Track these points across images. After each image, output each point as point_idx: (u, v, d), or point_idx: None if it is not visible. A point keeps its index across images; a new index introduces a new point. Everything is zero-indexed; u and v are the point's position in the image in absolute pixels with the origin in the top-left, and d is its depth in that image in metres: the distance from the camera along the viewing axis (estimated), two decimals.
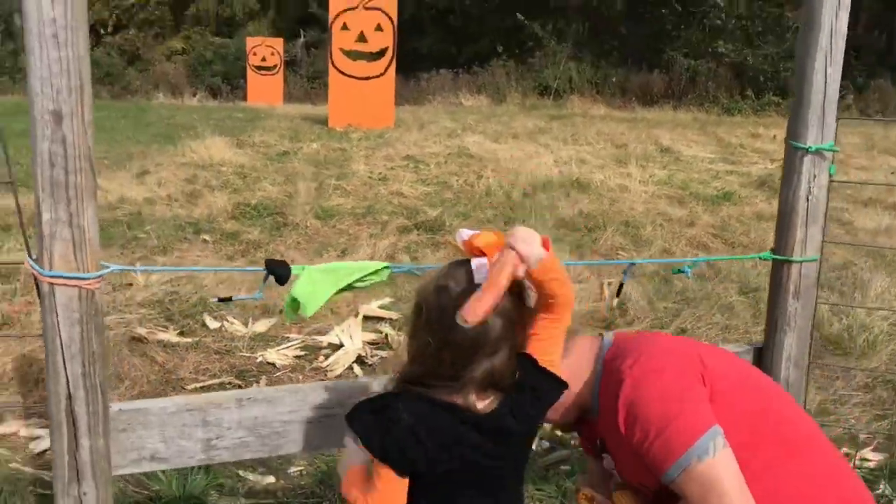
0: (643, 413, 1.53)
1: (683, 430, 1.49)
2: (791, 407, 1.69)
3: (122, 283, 4.60)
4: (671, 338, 1.75)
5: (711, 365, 1.60)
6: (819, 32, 1.94)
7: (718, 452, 1.46)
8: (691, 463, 1.46)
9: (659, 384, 1.55)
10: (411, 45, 29.96)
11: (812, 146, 1.97)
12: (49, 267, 1.52)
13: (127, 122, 14.50)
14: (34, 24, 1.43)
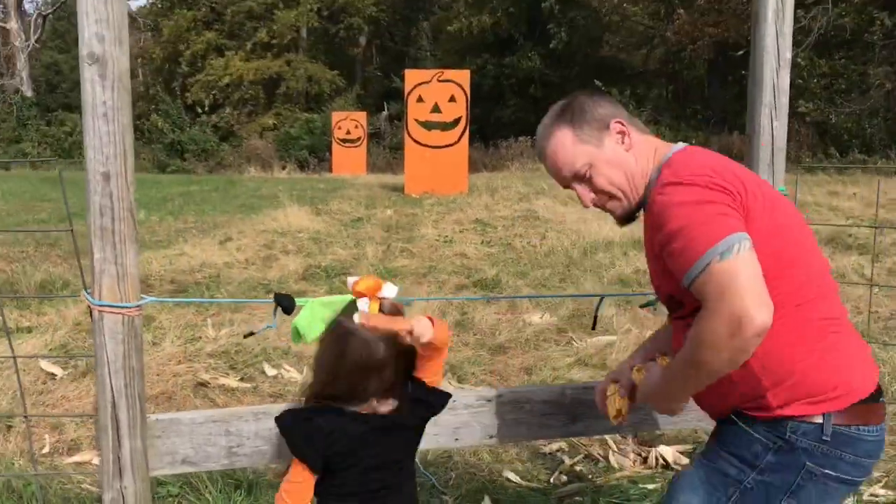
0: (671, 213, 1.58)
1: (709, 230, 1.51)
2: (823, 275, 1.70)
3: (194, 336, 5.05)
4: (723, 160, 1.72)
5: (753, 191, 1.63)
6: (764, 90, 2.19)
7: (743, 253, 1.48)
8: (712, 261, 1.48)
9: (690, 190, 1.58)
10: (494, 114, 30.81)
11: None
12: (99, 297, 1.89)
13: (217, 194, 15.41)
14: (89, 105, 1.83)
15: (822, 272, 1.68)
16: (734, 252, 1.47)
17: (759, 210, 1.60)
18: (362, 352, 1.71)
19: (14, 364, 2.62)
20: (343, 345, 1.74)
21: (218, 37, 32.84)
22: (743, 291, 1.44)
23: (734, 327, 1.44)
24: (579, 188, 1.81)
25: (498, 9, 29.77)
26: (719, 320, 1.45)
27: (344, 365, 1.73)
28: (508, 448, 3.49)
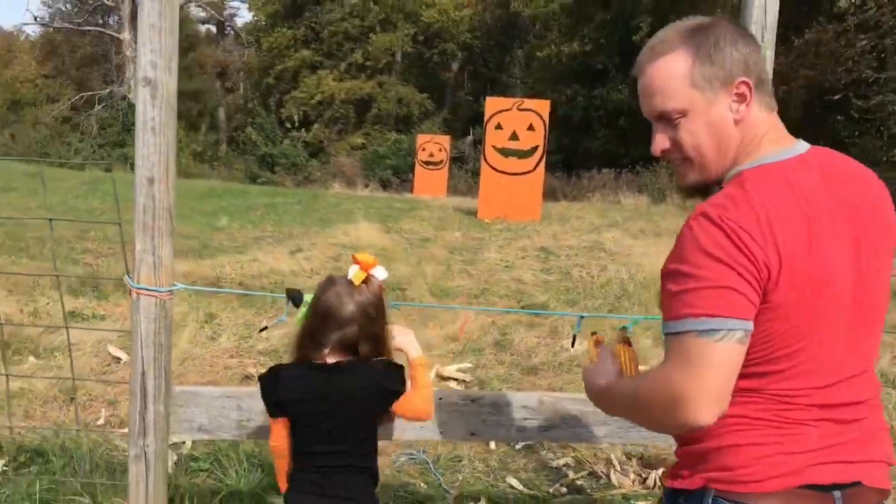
0: (688, 251, 1.35)
1: (706, 298, 1.32)
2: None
3: (249, 335, 5.44)
4: (786, 201, 1.39)
5: (791, 263, 1.35)
6: None
7: (726, 343, 1.31)
8: (690, 332, 1.32)
9: (718, 240, 1.33)
10: (582, 144, 30.94)
11: None
12: (137, 282, 2.24)
13: (299, 207, 16.04)
14: (140, 120, 2.19)
15: (841, 361, 1.43)
16: (716, 337, 1.30)
17: (787, 285, 1.35)
18: (333, 300, 2.02)
19: (66, 334, 3.01)
20: (322, 290, 2.06)
21: (314, 55, 34.04)
22: (703, 381, 1.31)
23: (673, 404, 1.33)
24: (658, 129, 1.52)
25: (589, 38, 29.94)
26: (663, 390, 1.35)
27: (317, 307, 2.05)
28: (517, 458, 3.72)
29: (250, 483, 3.18)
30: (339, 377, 2.03)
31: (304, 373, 2.06)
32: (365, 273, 2.06)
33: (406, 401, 2.08)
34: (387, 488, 3.34)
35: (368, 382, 2.04)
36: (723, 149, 1.48)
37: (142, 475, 2.31)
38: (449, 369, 4.87)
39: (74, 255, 8.47)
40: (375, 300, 2.06)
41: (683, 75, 1.46)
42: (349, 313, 2.01)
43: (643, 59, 1.53)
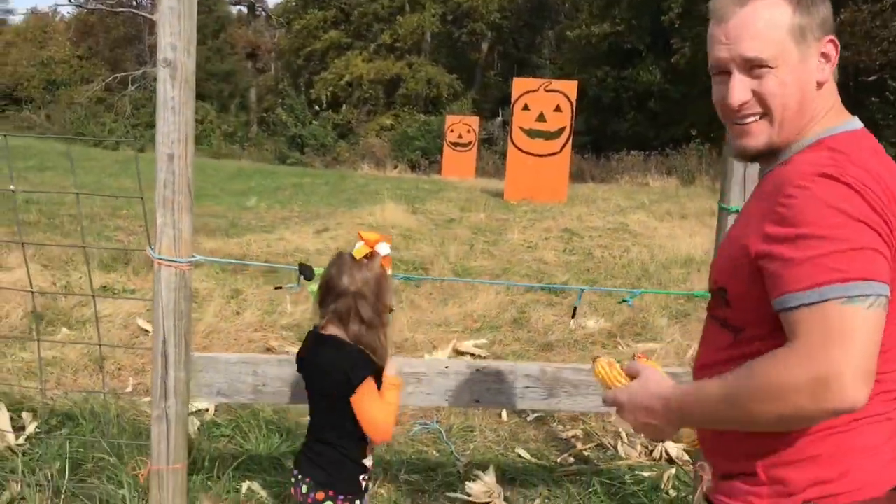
0: (816, 213, 1.20)
1: (852, 261, 1.17)
2: None
3: (273, 310, 5.60)
4: (888, 167, 1.30)
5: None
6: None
7: (874, 310, 1.16)
8: (833, 300, 1.15)
9: (853, 199, 1.21)
10: (611, 126, 30.79)
11: (733, 207, 2.49)
12: (159, 252, 2.38)
13: (327, 188, 16.21)
14: (161, 99, 2.31)
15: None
16: (867, 304, 1.15)
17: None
18: (333, 272, 2.16)
19: (93, 304, 3.17)
20: (330, 262, 2.22)
21: (343, 36, 34.13)
22: (853, 355, 1.13)
23: (818, 391, 1.13)
24: (738, 78, 1.36)
25: (619, 19, 29.69)
26: (804, 373, 1.14)
27: (322, 277, 2.22)
28: (528, 429, 3.83)
29: (269, 448, 3.33)
30: (321, 349, 2.17)
31: (307, 338, 2.25)
32: (369, 249, 2.16)
33: (367, 406, 2.07)
34: (400, 454, 3.48)
35: (338, 364, 2.10)
36: (804, 109, 1.36)
37: (163, 434, 2.45)
38: (465, 344, 4.99)
39: (107, 231, 8.71)
40: (374, 278, 2.15)
41: (783, 22, 1.33)
42: (344, 285, 2.13)
43: (729, 2, 1.37)
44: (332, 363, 2.12)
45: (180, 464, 2.49)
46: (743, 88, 1.36)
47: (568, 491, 3.22)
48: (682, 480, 3.32)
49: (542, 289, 6.67)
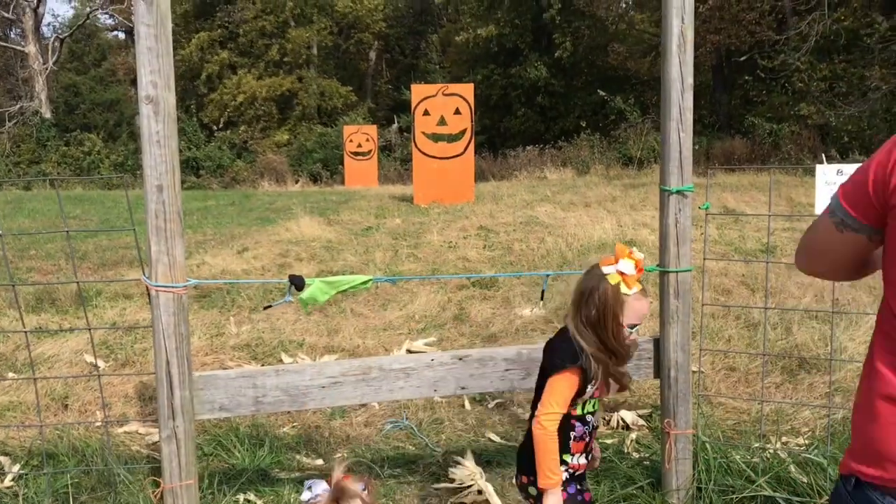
0: None
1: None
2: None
3: (219, 333, 5.65)
4: None
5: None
6: (671, 108, 2.76)
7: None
8: None
9: None
10: (503, 124, 31.44)
11: (674, 188, 2.78)
12: (155, 280, 2.49)
13: (234, 208, 16.06)
14: (146, 135, 2.43)
15: None
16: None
17: None
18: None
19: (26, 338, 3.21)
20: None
21: (231, 55, 33.68)
22: None
23: None
24: None
25: (503, 20, 30.40)
26: None
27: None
28: (492, 415, 4.06)
29: (255, 461, 3.44)
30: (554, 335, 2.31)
31: None
32: (613, 261, 2.22)
33: (547, 392, 2.18)
34: (379, 452, 3.65)
35: (551, 347, 2.28)
36: None
37: (174, 453, 2.57)
38: (416, 344, 5.19)
39: (21, 274, 8.47)
40: (604, 289, 2.18)
41: None
42: (578, 288, 2.26)
43: None
44: (549, 346, 2.28)
45: (192, 479, 2.60)
46: None
47: None
48: (642, 443, 3.61)
49: (515, 277, 6.92)
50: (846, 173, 2.88)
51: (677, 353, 2.87)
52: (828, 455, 3.21)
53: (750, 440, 3.49)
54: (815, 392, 4.41)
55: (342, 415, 4.15)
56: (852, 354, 4.75)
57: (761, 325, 5.34)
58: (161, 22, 2.41)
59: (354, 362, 2.78)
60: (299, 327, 5.77)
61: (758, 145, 23.17)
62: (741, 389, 4.34)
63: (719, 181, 18.94)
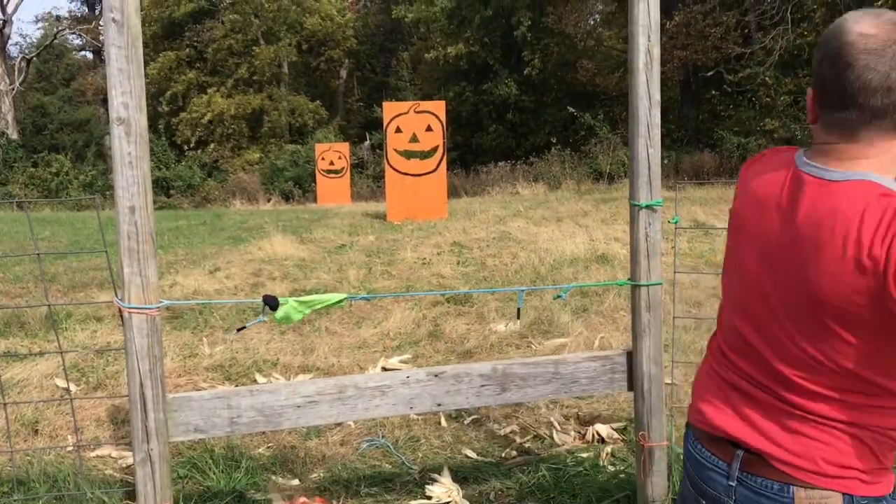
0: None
1: None
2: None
3: (192, 354, 5.61)
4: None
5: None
6: (639, 124, 2.80)
7: None
8: None
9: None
10: (474, 140, 31.61)
11: (643, 203, 2.82)
12: (128, 301, 2.48)
13: (205, 228, 15.95)
14: (118, 156, 2.43)
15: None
16: None
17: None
18: None
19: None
20: None
21: (199, 75, 33.57)
22: None
23: None
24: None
25: (472, 38, 30.61)
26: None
27: None
28: (468, 431, 4.07)
29: (230, 482, 3.42)
30: None
31: None
32: None
33: None
34: (356, 471, 3.64)
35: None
36: None
37: (148, 476, 2.54)
38: (392, 362, 5.19)
39: None
40: None
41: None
42: None
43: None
44: None
45: (167, 503, 2.58)
46: None
47: (518, 480, 3.48)
48: (618, 456, 3.64)
49: (489, 292, 6.94)
50: None
51: (650, 365, 2.90)
52: None
53: None
54: None
55: (318, 434, 4.13)
56: None
57: None
58: (132, 43, 2.41)
59: (330, 381, 2.78)
60: (273, 347, 5.74)
61: (726, 159, 23.48)
62: None
63: (689, 195, 19.16)
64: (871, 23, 1.37)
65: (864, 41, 1.35)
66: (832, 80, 1.39)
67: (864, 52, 1.34)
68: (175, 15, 33.47)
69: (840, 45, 1.38)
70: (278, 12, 33.17)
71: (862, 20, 1.38)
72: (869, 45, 1.34)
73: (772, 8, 21.66)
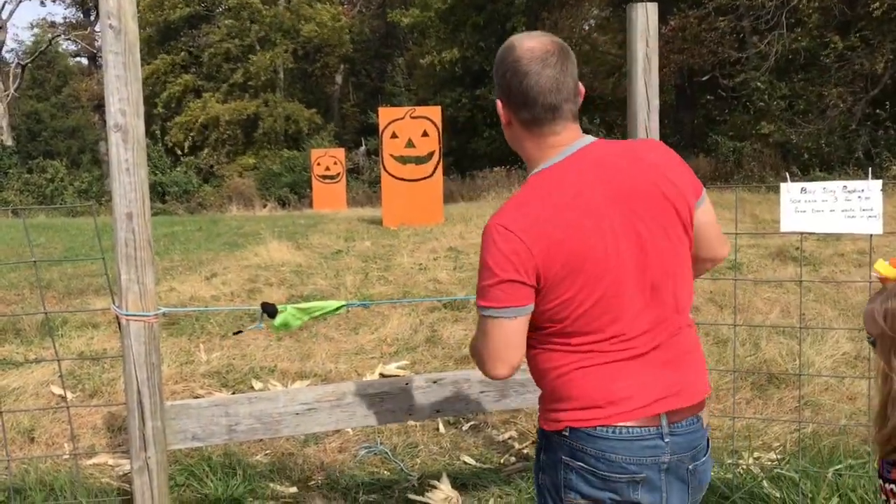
0: (481, 255, 1.73)
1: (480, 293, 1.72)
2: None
3: (188, 360, 5.58)
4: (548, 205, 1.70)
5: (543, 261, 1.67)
6: (638, 129, 2.80)
7: (502, 320, 1.69)
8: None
9: (484, 244, 1.71)
10: (470, 146, 31.60)
11: None
12: (126, 309, 2.46)
13: (201, 233, 15.92)
14: (115, 162, 2.41)
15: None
16: (495, 315, 1.70)
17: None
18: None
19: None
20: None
21: (195, 79, 33.54)
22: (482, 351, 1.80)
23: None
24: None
25: (467, 43, 30.64)
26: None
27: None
28: (466, 438, 4.06)
29: (228, 490, 3.40)
30: None
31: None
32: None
33: None
34: (354, 478, 3.62)
35: None
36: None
37: (146, 485, 2.53)
38: (389, 368, 5.17)
39: None
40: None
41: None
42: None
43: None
44: None
45: None
46: None
47: (518, 486, 3.47)
48: None
49: None
50: (809, 191, 2.93)
51: None
52: (799, 469, 3.25)
53: (722, 456, 3.52)
54: (784, 407, 4.47)
55: (316, 441, 4.11)
56: (819, 369, 4.83)
57: (730, 341, 5.41)
58: (129, 50, 2.40)
59: (329, 388, 2.77)
60: (270, 353, 5.73)
61: (721, 163, 23.50)
62: (712, 406, 4.38)
63: None
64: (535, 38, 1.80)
65: (531, 54, 1.75)
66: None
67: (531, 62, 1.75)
68: (171, 19, 33.46)
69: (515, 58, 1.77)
70: (274, 18, 33.17)
71: (525, 38, 1.81)
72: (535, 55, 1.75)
73: (767, 12, 21.70)
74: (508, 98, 1.81)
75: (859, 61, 20.74)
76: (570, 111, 1.78)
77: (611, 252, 1.66)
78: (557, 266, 1.65)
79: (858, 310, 6.32)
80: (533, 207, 1.69)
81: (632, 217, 1.68)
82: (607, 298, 1.68)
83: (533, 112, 1.76)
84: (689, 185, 1.77)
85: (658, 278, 1.72)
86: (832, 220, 2.81)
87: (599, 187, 1.69)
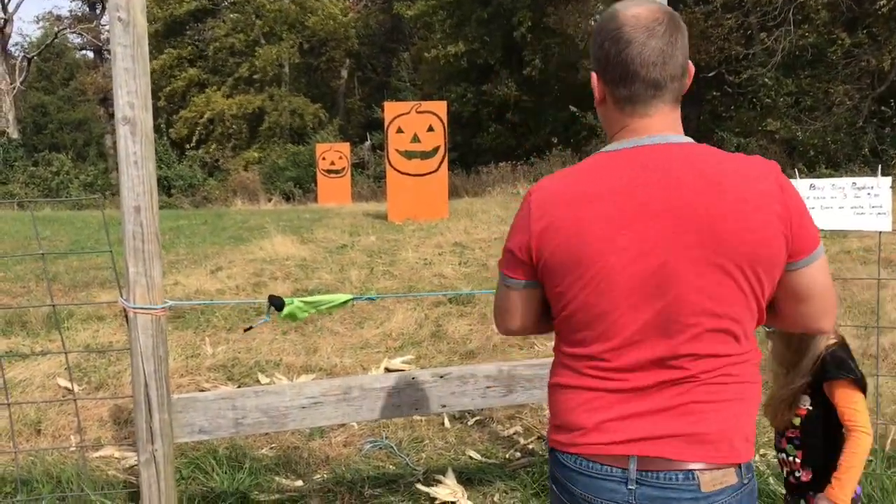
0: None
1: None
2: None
3: (194, 354, 5.59)
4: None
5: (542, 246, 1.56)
6: None
7: (503, 284, 1.66)
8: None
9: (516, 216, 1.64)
10: (475, 141, 31.56)
11: None
12: (133, 302, 2.47)
13: (206, 227, 15.94)
14: (123, 155, 2.41)
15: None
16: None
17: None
18: None
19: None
20: None
21: (200, 73, 33.55)
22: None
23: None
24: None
25: (472, 37, 30.58)
26: None
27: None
28: (472, 433, 4.06)
29: (234, 483, 3.41)
30: None
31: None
32: None
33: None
34: (359, 472, 3.63)
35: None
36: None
37: (153, 477, 2.53)
38: (394, 362, 5.18)
39: None
40: None
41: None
42: None
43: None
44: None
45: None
46: None
47: (523, 481, 3.46)
48: None
49: (491, 293, 6.92)
50: (818, 187, 2.92)
51: None
52: None
53: None
54: None
55: (321, 435, 4.12)
56: None
57: None
58: (138, 42, 2.40)
59: (335, 382, 2.77)
60: (276, 347, 5.73)
61: None
62: None
63: None
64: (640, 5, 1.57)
65: (636, 21, 1.54)
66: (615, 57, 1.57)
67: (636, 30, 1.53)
68: (177, 13, 33.46)
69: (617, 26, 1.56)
70: (279, 12, 33.16)
71: (630, 4, 1.58)
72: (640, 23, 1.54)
73: (774, 9, 21.62)
74: (605, 70, 1.60)
75: (866, 58, 20.65)
76: (674, 92, 1.56)
77: (616, 267, 1.48)
78: (548, 253, 1.53)
79: (864, 307, 6.30)
80: (564, 184, 1.56)
81: (665, 242, 1.46)
82: (593, 312, 1.52)
83: (632, 88, 1.55)
84: (779, 237, 1.49)
85: (683, 317, 1.49)
86: (841, 217, 2.81)
87: (641, 195, 1.48)
